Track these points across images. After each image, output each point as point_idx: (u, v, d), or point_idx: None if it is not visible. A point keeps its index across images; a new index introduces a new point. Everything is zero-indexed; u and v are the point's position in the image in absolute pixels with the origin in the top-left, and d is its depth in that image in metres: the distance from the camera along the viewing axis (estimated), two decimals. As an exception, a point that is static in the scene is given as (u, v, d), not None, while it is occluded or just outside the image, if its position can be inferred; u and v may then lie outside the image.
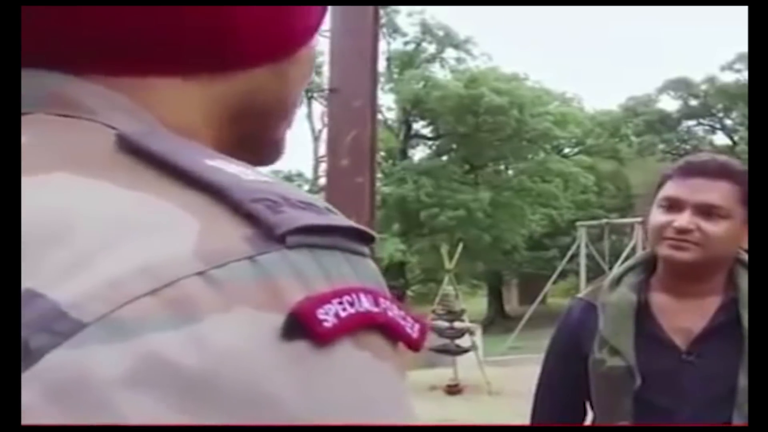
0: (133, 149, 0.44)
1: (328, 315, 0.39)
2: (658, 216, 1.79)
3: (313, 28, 0.59)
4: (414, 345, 0.44)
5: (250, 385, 0.37)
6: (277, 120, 0.60)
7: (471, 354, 11.63)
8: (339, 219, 0.44)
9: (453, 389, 11.17)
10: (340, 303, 0.40)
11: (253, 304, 0.38)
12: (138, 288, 0.37)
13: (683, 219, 1.73)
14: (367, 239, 0.45)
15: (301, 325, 0.38)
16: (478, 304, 31.60)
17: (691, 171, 1.78)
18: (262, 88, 0.56)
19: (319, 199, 0.45)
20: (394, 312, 0.43)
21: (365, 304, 0.41)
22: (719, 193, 1.74)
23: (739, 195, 1.74)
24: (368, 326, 0.41)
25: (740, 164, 1.83)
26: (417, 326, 0.44)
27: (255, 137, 0.59)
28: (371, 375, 0.41)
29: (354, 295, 0.41)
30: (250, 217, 0.41)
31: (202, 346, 0.36)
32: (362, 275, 0.43)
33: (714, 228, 1.73)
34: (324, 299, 0.39)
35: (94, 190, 0.41)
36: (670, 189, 1.79)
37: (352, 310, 0.40)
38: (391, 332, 0.43)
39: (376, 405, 0.41)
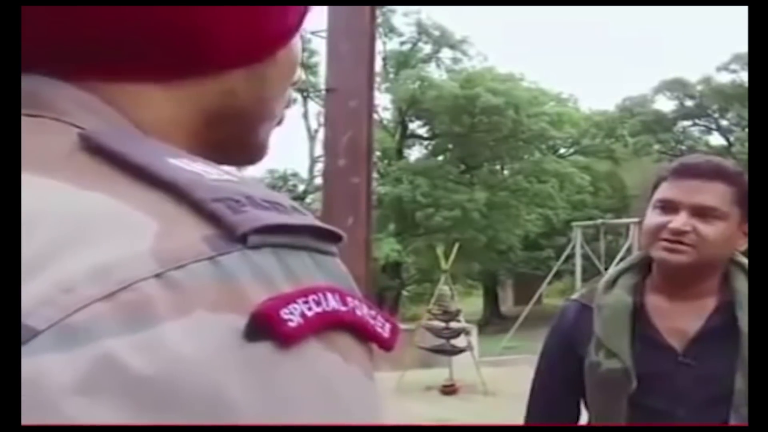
0: (94, 148, 0.43)
1: (293, 315, 0.38)
2: (653, 218, 1.78)
3: (289, 31, 0.58)
4: (385, 345, 0.43)
5: (208, 391, 0.35)
6: (257, 122, 0.60)
7: (467, 354, 11.62)
8: (304, 218, 0.43)
9: (448, 389, 11.16)
10: (306, 302, 0.39)
11: (213, 307, 0.37)
12: (92, 292, 0.36)
13: (679, 220, 1.73)
14: (333, 238, 0.44)
15: (264, 326, 0.37)
16: (473, 304, 31.60)
17: (686, 172, 1.77)
18: (238, 91, 0.56)
19: (286, 198, 0.44)
20: (363, 311, 0.42)
21: (332, 303, 0.40)
22: (714, 194, 1.73)
23: (734, 196, 1.74)
24: (336, 326, 0.40)
25: (735, 165, 1.82)
26: (388, 326, 0.43)
27: (236, 139, 0.59)
28: (340, 376, 0.40)
29: (320, 295, 0.39)
30: (211, 217, 0.40)
31: (159, 351, 0.35)
32: (329, 274, 0.42)
33: (709, 229, 1.72)
34: (288, 299, 0.38)
35: (51, 190, 0.40)
36: (664, 191, 1.78)
37: (318, 310, 0.39)
38: (361, 332, 0.42)
39: (346, 407, 0.40)
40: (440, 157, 31.52)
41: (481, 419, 8.78)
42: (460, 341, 11.67)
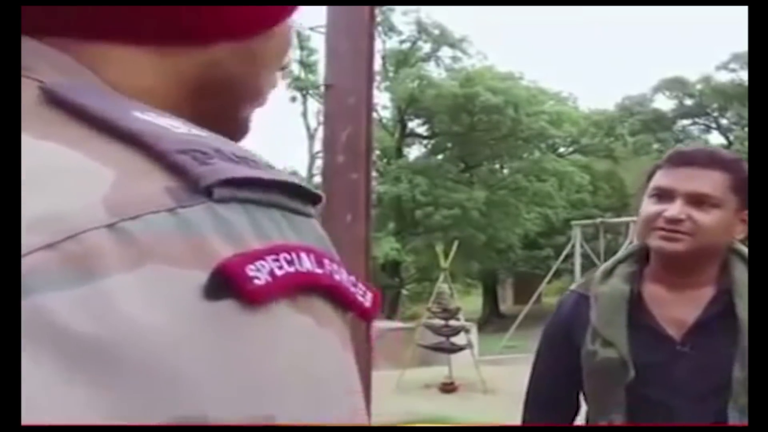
0: (56, 101, 0.40)
1: (260, 272, 0.34)
2: (648, 206, 1.77)
3: (281, 12, 0.56)
4: (365, 315, 0.40)
5: (161, 353, 0.32)
6: (241, 98, 0.57)
7: (466, 352, 11.63)
8: (277, 173, 0.39)
9: (448, 387, 11.16)
10: (276, 260, 0.35)
11: (169, 260, 0.34)
12: (33, 241, 0.33)
13: (674, 209, 1.71)
14: (311, 198, 0.40)
15: (227, 283, 0.34)
16: (473, 303, 31.58)
17: (682, 160, 1.76)
18: (222, 64, 0.53)
19: (261, 156, 0.41)
20: (342, 276, 0.39)
21: (306, 263, 0.36)
22: (710, 181, 1.72)
23: (730, 183, 1.72)
24: (310, 288, 0.37)
25: (730, 153, 1.81)
26: (369, 294, 0.41)
27: (217, 113, 0.56)
28: (313, 342, 0.36)
29: (293, 254, 0.36)
30: (174, 169, 0.37)
31: (102, 308, 0.32)
32: (304, 236, 0.38)
33: (705, 217, 1.71)
34: (256, 255, 0.35)
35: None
36: (660, 179, 1.77)
37: (290, 269, 0.35)
38: (339, 298, 0.38)
39: (317, 376, 0.36)
40: (440, 156, 31.51)
41: (481, 417, 8.79)
42: (459, 339, 11.67)
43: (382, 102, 30.57)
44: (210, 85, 0.53)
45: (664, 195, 1.75)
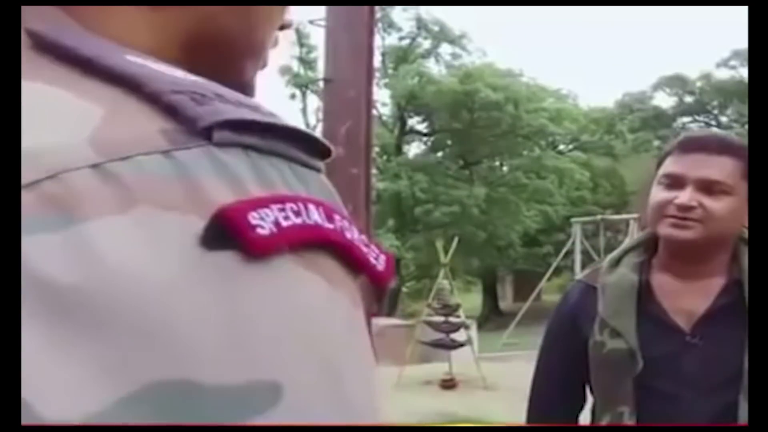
0: (45, 45, 0.37)
1: (264, 221, 0.31)
2: (658, 193, 1.73)
3: None
4: (378, 278, 0.37)
5: (146, 312, 0.29)
6: (239, 56, 0.54)
7: (466, 349, 11.61)
8: (283, 120, 0.36)
9: (448, 384, 11.15)
10: (282, 210, 0.32)
11: (162, 204, 0.30)
12: None
13: (685, 196, 1.67)
14: (319, 151, 0.37)
15: (227, 230, 0.30)
16: (472, 300, 31.57)
17: (692, 146, 1.72)
18: (217, 19, 0.49)
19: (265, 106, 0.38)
20: (353, 234, 0.36)
21: (315, 216, 0.33)
22: (721, 168, 1.68)
23: (741, 170, 1.68)
24: (318, 244, 0.33)
25: (741, 140, 1.76)
26: (382, 257, 0.38)
27: (218, 71, 0.52)
28: (320, 303, 0.33)
29: (300, 204, 0.33)
30: (169, 109, 0.34)
31: (85, 254, 0.29)
32: (312, 189, 0.35)
33: (716, 204, 1.67)
34: (260, 203, 0.32)
35: None
36: (670, 165, 1.73)
37: (297, 221, 0.32)
38: (350, 257, 0.35)
39: (325, 337, 0.33)
40: (439, 153, 31.49)
41: (480, 414, 8.79)
42: (459, 335, 11.67)
43: (382, 99, 30.58)
44: (206, 40, 0.50)
45: (674, 182, 1.71)
